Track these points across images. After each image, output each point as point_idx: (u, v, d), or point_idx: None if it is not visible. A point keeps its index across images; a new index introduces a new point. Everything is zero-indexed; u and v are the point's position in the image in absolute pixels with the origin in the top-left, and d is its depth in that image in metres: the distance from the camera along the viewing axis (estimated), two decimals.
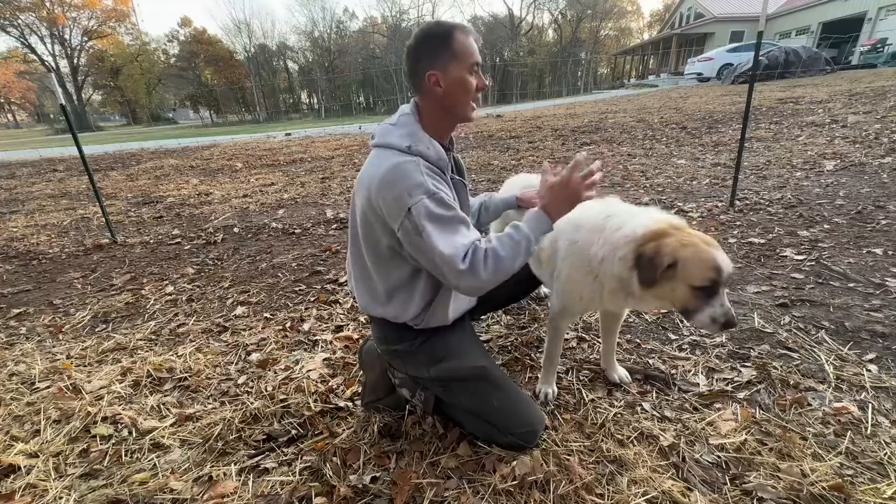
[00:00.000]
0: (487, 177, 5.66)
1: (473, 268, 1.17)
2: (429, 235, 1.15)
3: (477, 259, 1.18)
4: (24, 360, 2.17)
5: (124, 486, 1.40)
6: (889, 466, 1.29)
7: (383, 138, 1.29)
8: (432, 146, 1.27)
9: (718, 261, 1.15)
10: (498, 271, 1.19)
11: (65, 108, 4.07)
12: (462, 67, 1.24)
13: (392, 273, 1.33)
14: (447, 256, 1.15)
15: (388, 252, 1.30)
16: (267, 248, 3.73)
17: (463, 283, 1.18)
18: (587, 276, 1.41)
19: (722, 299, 1.18)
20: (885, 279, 2.29)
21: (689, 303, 1.20)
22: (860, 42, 18.88)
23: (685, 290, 1.19)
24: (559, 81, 37.24)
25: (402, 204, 1.16)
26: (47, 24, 35.33)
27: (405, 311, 1.35)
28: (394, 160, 1.20)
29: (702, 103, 10.22)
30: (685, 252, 1.16)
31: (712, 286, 1.16)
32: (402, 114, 1.32)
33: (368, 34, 45.04)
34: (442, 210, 1.18)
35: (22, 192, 6.98)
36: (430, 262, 1.20)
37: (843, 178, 4.13)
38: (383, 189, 1.19)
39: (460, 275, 1.17)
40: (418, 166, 1.20)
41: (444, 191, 1.22)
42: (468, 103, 1.29)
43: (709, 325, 1.19)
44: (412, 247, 1.20)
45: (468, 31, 1.26)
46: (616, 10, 45.46)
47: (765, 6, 3.25)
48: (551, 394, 1.66)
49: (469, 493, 1.28)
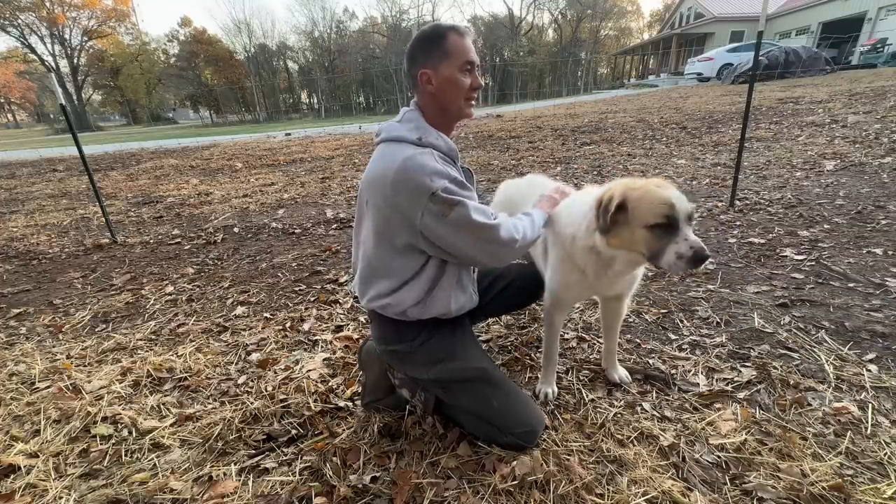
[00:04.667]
0: (487, 177, 5.65)
1: (508, 226, 1.28)
2: (462, 206, 1.20)
3: (507, 221, 1.30)
4: (24, 360, 2.17)
5: (124, 486, 1.40)
6: (889, 466, 1.29)
7: (392, 133, 1.31)
8: (441, 138, 1.31)
9: (668, 195, 1.17)
10: (525, 237, 1.32)
11: (65, 107, 4.07)
12: (453, 66, 1.27)
13: (405, 267, 1.34)
14: (482, 216, 1.23)
15: (405, 248, 1.31)
16: (267, 248, 3.73)
17: (503, 234, 1.25)
18: (567, 262, 1.45)
19: (685, 233, 1.16)
20: (885, 279, 2.29)
21: (651, 244, 1.19)
22: (860, 42, 18.88)
23: (643, 232, 1.19)
24: (559, 81, 37.26)
25: (423, 190, 1.18)
26: (47, 24, 35.32)
27: (408, 296, 1.35)
28: (407, 152, 1.23)
29: (702, 103, 10.22)
30: (633, 193, 1.20)
31: (669, 222, 1.16)
32: (407, 111, 1.35)
33: (368, 34, 45.03)
34: (463, 191, 1.24)
35: (22, 192, 6.98)
36: (464, 235, 1.23)
37: (843, 178, 4.13)
38: (400, 181, 1.20)
39: (499, 227, 1.25)
40: (433, 155, 1.24)
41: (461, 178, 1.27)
42: (460, 101, 1.32)
43: (675, 264, 1.16)
44: (441, 225, 1.21)
45: (463, 32, 1.28)
46: (616, 10, 45.44)
47: (765, 6, 3.25)
48: (551, 394, 1.66)
49: (469, 493, 1.28)
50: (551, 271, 1.54)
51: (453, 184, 1.21)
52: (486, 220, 1.23)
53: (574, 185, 1.84)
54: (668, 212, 1.15)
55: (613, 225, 1.24)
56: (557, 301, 1.59)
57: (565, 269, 1.48)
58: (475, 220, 1.21)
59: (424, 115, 1.33)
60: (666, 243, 1.17)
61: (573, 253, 1.42)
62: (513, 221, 1.33)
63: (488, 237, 1.25)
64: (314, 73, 42.33)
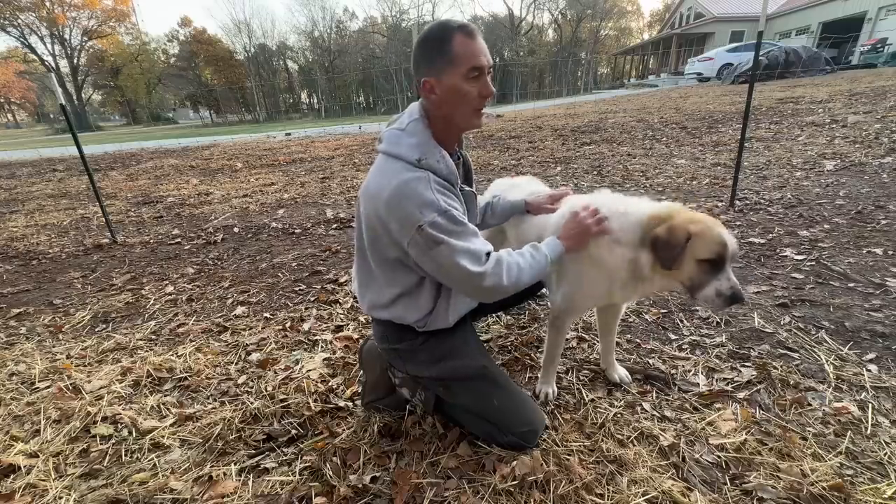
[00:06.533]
0: (487, 177, 5.65)
1: (496, 272, 1.21)
2: (447, 245, 1.16)
3: (500, 264, 1.22)
4: (24, 360, 2.17)
5: (124, 486, 1.40)
6: (889, 466, 1.29)
7: (392, 147, 1.24)
8: (443, 160, 1.22)
9: (725, 235, 1.21)
10: (519, 281, 1.24)
11: (65, 107, 4.07)
12: (458, 73, 1.15)
13: (398, 279, 1.33)
14: (468, 260, 1.18)
15: (395, 262, 1.29)
16: (267, 248, 3.73)
17: (486, 283, 1.20)
18: (595, 271, 1.41)
19: (728, 274, 1.21)
20: (885, 279, 2.29)
21: (695, 277, 1.23)
22: (860, 42, 18.88)
23: (692, 264, 1.22)
24: (559, 81, 37.20)
25: (412, 221, 1.14)
26: (47, 24, 35.32)
27: (409, 314, 1.35)
28: (404, 176, 1.17)
29: (702, 103, 10.22)
30: (696, 227, 1.21)
31: (718, 259, 1.20)
32: (412, 118, 1.25)
33: (368, 34, 44.99)
34: (454, 226, 1.18)
35: (22, 192, 6.98)
36: (446, 271, 1.21)
37: (843, 178, 4.13)
38: (393, 206, 1.17)
39: (483, 276, 1.19)
40: (429, 183, 1.17)
41: (455, 207, 1.20)
42: (468, 112, 1.22)
43: (713, 300, 1.21)
44: (426, 259, 1.20)
45: (472, 33, 1.15)
46: (616, 10, 45.45)
47: (765, 6, 3.25)
48: (551, 394, 1.66)
49: (469, 493, 1.28)
50: (572, 278, 1.49)
51: (444, 217, 1.15)
52: (469, 266, 1.17)
53: (574, 185, 1.83)
54: (721, 250, 1.19)
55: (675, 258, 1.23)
56: (574, 308, 1.56)
57: (591, 279, 1.43)
58: (458, 262, 1.17)
59: (432, 122, 1.25)
60: (709, 279, 1.21)
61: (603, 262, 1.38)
62: (508, 262, 1.24)
63: (470, 282, 1.20)
64: (314, 73, 42.30)
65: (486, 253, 1.22)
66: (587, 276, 1.45)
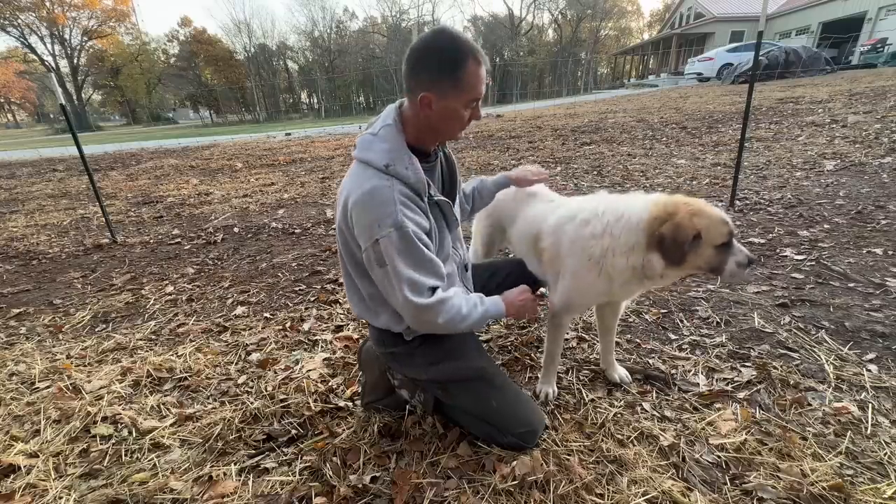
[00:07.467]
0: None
1: (435, 309, 1.20)
2: (392, 268, 1.17)
3: (442, 303, 1.21)
4: (24, 360, 2.17)
5: (124, 486, 1.40)
6: (889, 466, 1.29)
7: (363, 153, 1.25)
8: (411, 166, 1.21)
9: (724, 215, 1.30)
10: (454, 326, 1.24)
11: (65, 107, 4.07)
12: (461, 100, 1.17)
13: (369, 280, 1.32)
14: (409, 289, 1.18)
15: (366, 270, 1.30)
16: (267, 248, 3.73)
17: (422, 316, 1.21)
18: (594, 271, 1.42)
19: (737, 246, 1.31)
20: (885, 279, 2.29)
21: (714, 261, 1.31)
22: (860, 42, 18.88)
23: (710, 251, 1.29)
24: (559, 81, 37.20)
25: (371, 233, 1.17)
26: (47, 24, 35.30)
27: (393, 324, 1.35)
28: (371, 183, 1.18)
29: (702, 103, 10.22)
30: (701, 220, 1.27)
31: (729, 239, 1.29)
32: (385, 123, 1.25)
33: (368, 34, 44.99)
34: (404, 246, 1.17)
35: (22, 192, 6.98)
36: (386, 292, 1.24)
37: (843, 178, 4.13)
38: (357, 212, 1.19)
39: (418, 309, 1.19)
40: (393, 192, 1.17)
41: (416, 222, 1.19)
42: (455, 129, 1.26)
43: (737, 273, 1.31)
44: (373, 273, 1.24)
45: (482, 61, 1.16)
46: (616, 10, 45.44)
47: (765, 6, 3.25)
48: (551, 394, 1.66)
49: (469, 493, 1.28)
50: (570, 278, 1.50)
51: (398, 233, 1.15)
52: (409, 295, 1.17)
53: (574, 185, 1.84)
54: (730, 230, 1.29)
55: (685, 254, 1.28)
56: (573, 307, 1.57)
57: (590, 278, 1.44)
58: (397, 288, 1.18)
59: (408, 126, 1.25)
60: (726, 257, 1.30)
61: (602, 262, 1.40)
62: (452, 304, 1.22)
63: (406, 309, 1.21)
64: (314, 73, 42.30)
65: (429, 287, 1.20)
66: (586, 278, 1.45)
